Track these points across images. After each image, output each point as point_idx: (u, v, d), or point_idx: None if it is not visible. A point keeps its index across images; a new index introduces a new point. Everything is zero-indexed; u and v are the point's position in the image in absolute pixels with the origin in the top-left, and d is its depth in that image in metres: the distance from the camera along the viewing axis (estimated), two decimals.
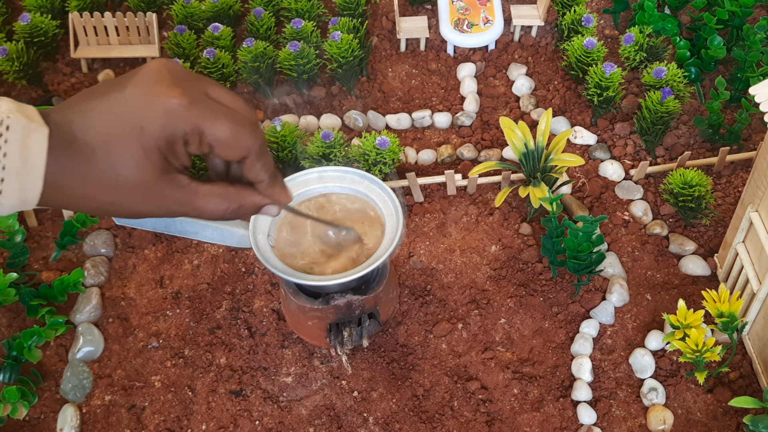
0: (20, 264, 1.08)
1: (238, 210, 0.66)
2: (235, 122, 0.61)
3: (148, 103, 0.58)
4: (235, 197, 0.66)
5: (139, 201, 0.61)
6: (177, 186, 0.62)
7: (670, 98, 1.14)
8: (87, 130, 0.58)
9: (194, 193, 0.63)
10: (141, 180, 0.60)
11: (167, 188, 0.61)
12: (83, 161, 0.58)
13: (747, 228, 0.98)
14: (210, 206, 0.64)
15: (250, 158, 0.64)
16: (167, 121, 0.59)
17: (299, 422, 0.97)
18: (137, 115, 0.58)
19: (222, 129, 0.61)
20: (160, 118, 0.58)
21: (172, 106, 0.59)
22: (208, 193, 0.64)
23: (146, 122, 0.58)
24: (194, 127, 0.60)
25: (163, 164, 0.60)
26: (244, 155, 0.63)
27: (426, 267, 1.10)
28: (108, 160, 0.58)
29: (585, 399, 0.98)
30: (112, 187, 0.59)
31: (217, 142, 0.61)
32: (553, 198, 1.03)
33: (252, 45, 1.23)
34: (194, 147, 0.61)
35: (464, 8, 1.33)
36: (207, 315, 1.06)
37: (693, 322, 0.91)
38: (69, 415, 0.98)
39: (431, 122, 1.26)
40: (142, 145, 0.58)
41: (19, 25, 1.28)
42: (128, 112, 0.58)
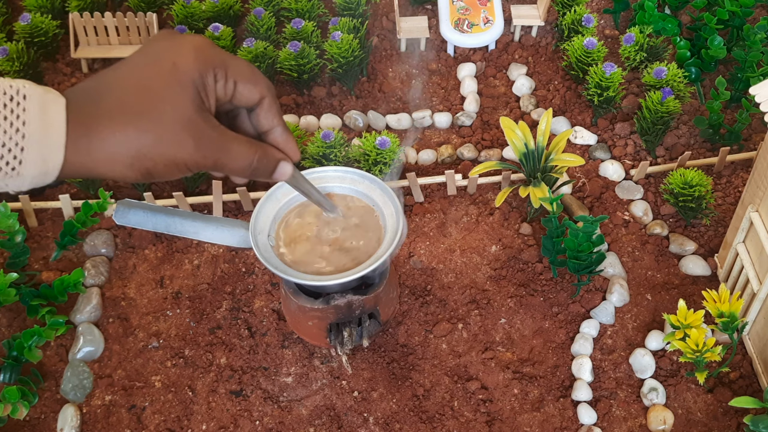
0: (20, 264, 1.08)
1: (262, 160, 0.68)
2: (250, 65, 0.66)
3: (176, 45, 0.62)
4: (261, 146, 0.68)
5: (178, 141, 0.61)
6: (212, 124, 0.63)
7: (670, 98, 1.14)
8: (118, 83, 0.60)
9: (225, 135, 0.64)
10: (181, 116, 0.60)
11: (204, 125, 0.62)
12: (112, 119, 0.58)
13: (747, 228, 0.98)
14: (241, 152, 0.66)
15: (268, 98, 0.67)
16: (198, 55, 0.62)
17: (299, 422, 0.97)
18: (167, 55, 0.61)
19: (243, 65, 0.65)
20: (190, 52, 0.61)
21: (199, 43, 0.62)
22: (236, 138, 0.65)
23: (178, 58, 0.61)
24: (221, 62, 0.63)
25: (198, 100, 0.62)
26: (263, 94, 0.67)
27: (426, 267, 1.10)
28: (145, 104, 0.59)
29: (585, 399, 0.98)
30: (151, 132, 0.59)
31: (241, 76, 0.64)
32: (554, 198, 1.03)
33: (252, 45, 1.24)
34: (222, 83, 0.64)
35: (464, 8, 1.33)
36: (207, 315, 1.06)
37: (693, 322, 0.91)
38: (69, 415, 0.98)
39: (431, 122, 1.26)
40: (178, 80, 0.60)
41: (19, 25, 1.28)
42: (158, 55, 0.61)
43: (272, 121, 0.69)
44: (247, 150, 0.66)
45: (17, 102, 0.56)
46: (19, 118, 0.55)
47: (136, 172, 0.60)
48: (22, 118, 0.55)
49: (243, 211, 1.15)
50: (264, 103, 0.67)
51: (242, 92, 0.66)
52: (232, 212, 1.16)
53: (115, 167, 0.60)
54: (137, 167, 0.60)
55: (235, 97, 0.66)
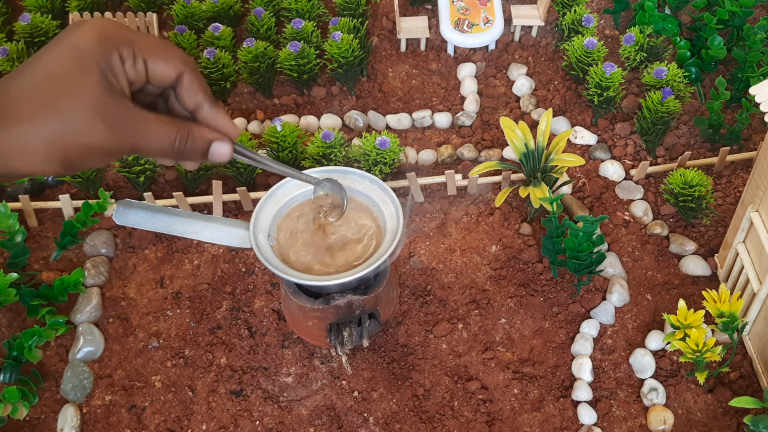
0: (20, 264, 1.08)
1: (188, 141, 0.64)
2: (162, 40, 0.64)
3: (78, 29, 0.59)
4: (184, 125, 0.64)
5: (88, 125, 0.58)
6: (123, 106, 0.60)
7: (670, 98, 1.14)
8: (23, 75, 0.58)
9: (140, 116, 0.61)
10: (88, 99, 0.58)
11: (114, 107, 0.59)
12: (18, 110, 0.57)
13: (747, 228, 0.98)
14: (159, 133, 0.62)
15: (187, 73, 0.63)
16: (100, 36, 0.59)
17: (299, 422, 0.97)
18: (69, 40, 0.59)
19: (153, 40, 0.62)
20: (91, 34, 0.59)
21: (102, 24, 0.60)
22: (155, 119, 0.62)
23: (79, 40, 0.59)
24: (127, 39, 0.60)
25: (104, 82, 0.59)
26: (180, 69, 0.63)
27: (426, 267, 1.10)
28: (49, 90, 0.57)
29: (585, 399, 0.98)
30: (57, 119, 0.57)
31: (150, 53, 0.61)
32: (554, 198, 1.03)
33: (252, 45, 1.24)
34: (130, 63, 0.61)
35: (464, 8, 1.33)
36: (207, 315, 1.06)
37: (693, 322, 0.91)
38: (69, 415, 0.98)
39: (431, 122, 1.26)
40: (80, 63, 0.58)
41: (19, 26, 1.28)
42: (61, 42, 0.59)
43: (195, 97, 0.64)
44: (165, 129, 0.62)
45: None
46: None
47: (53, 163, 0.58)
48: None
49: (243, 211, 1.15)
50: (183, 79, 0.63)
51: (155, 70, 0.62)
52: (232, 212, 1.16)
53: (31, 160, 0.58)
54: (52, 158, 0.58)
55: (150, 77, 0.62)
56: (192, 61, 0.64)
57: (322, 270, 0.88)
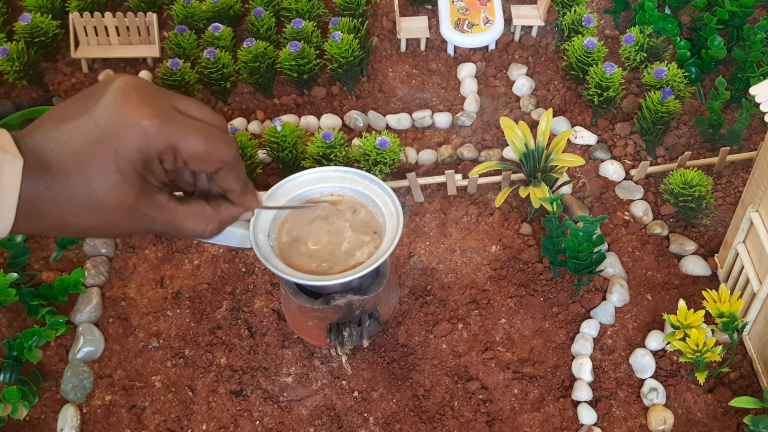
0: (20, 264, 1.08)
1: (217, 228, 0.69)
2: (208, 136, 0.62)
3: (119, 127, 0.58)
4: (213, 215, 0.68)
5: (121, 222, 0.61)
6: (157, 207, 0.63)
7: (670, 98, 1.14)
8: (61, 157, 0.57)
9: (174, 213, 0.64)
10: (121, 202, 0.60)
11: (147, 208, 0.62)
12: (61, 188, 0.58)
13: (747, 228, 0.98)
14: (190, 225, 0.66)
15: (224, 169, 0.65)
16: (141, 143, 0.58)
17: (299, 422, 0.97)
18: (110, 139, 0.58)
19: (196, 144, 0.61)
20: (133, 141, 0.58)
21: (145, 128, 0.58)
22: (186, 213, 0.66)
23: (120, 146, 0.58)
24: (168, 145, 0.60)
25: (142, 184, 0.61)
26: (219, 167, 0.64)
27: (426, 267, 1.10)
28: (86, 186, 0.58)
29: (585, 399, 0.98)
30: (93, 211, 0.59)
31: (192, 157, 0.61)
32: (554, 198, 1.03)
33: (252, 45, 1.24)
34: (170, 163, 0.61)
35: (464, 8, 1.33)
36: (207, 315, 1.06)
37: (693, 322, 0.91)
38: (69, 415, 0.98)
39: (431, 122, 1.26)
40: (118, 168, 0.58)
41: (19, 25, 1.28)
42: (101, 137, 0.58)
43: (229, 185, 0.68)
44: (198, 224, 0.67)
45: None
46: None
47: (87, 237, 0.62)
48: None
49: None
50: (220, 173, 0.65)
51: (195, 168, 0.64)
52: None
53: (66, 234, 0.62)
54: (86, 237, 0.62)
55: (187, 170, 0.66)
56: (233, 153, 0.64)
57: (322, 270, 0.88)
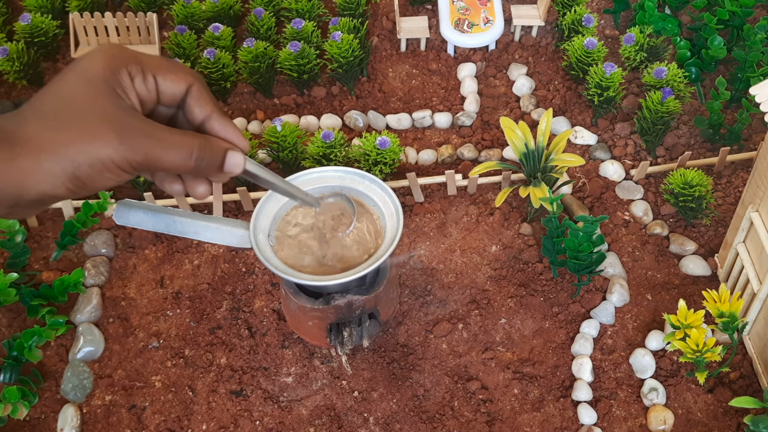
0: (21, 264, 1.08)
1: (204, 149, 0.64)
2: (169, 59, 0.67)
3: (87, 54, 0.62)
4: (200, 135, 0.64)
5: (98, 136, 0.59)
6: (137, 117, 0.61)
7: (670, 98, 1.14)
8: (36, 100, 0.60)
9: (155, 126, 0.62)
10: (98, 111, 0.59)
11: (127, 118, 0.60)
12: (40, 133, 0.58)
13: (747, 228, 0.98)
14: (176, 142, 0.62)
15: (195, 85, 0.64)
16: (107, 57, 0.61)
17: (299, 422, 0.97)
18: (78, 64, 0.61)
19: (159, 59, 0.64)
20: (98, 55, 0.61)
21: (109, 47, 0.62)
22: (170, 130, 0.62)
23: (87, 62, 0.61)
24: (133, 58, 0.62)
25: (114, 96, 0.61)
26: (189, 81, 0.64)
27: (426, 267, 1.10)
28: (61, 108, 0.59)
29: (585, 399, 0.98)
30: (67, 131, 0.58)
31: (158, 69, 0.63)
32: (554, 198, 1.03)
33: (252, 45, 1.23)
34: (139, 80, 0.62)
35: (464, 8, 1.33)
36: (207, 315, 1.06)
37: (693, 322, 0.91)
38: (69, 415, 0.98)
39: (431, 122, 1.26)
40: (89, 81, 0.60)
41: (19, 26, 1.28)
42: (71, 66, 0.61)
43: (204, 108, 0.65)
44: (183, 139, 0.62)
45: None
46: None
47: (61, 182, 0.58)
48: None
49: (243, 211, 1.15)
50: (192, 91, 0.64)
51: (164, 84, 0.63)
52: (232, 212, 1.16)
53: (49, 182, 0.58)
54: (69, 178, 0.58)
55: (160, 93, 0.64)
56: (199, 75, 0.66)
57: (323, 270, 0.88)
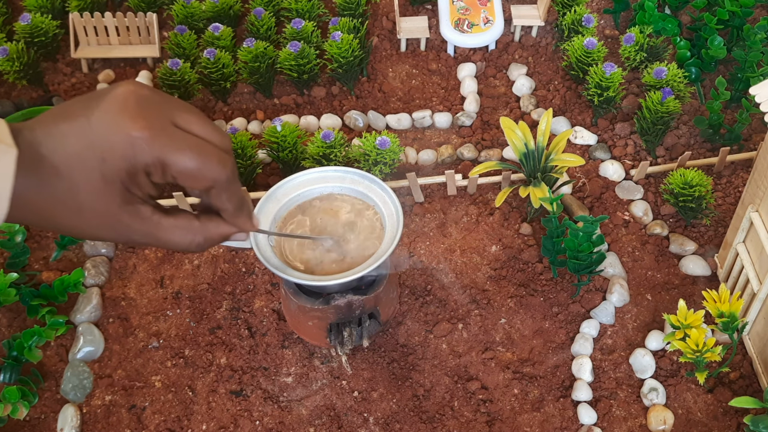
0: (21, 264, 1.08)
1: (204, 243, 0.66)
2: (201, 153, 0.60)
3: (110, 134, 0.58)
4: (200, 230, 0.65)
5: (101, 229, 0.61)
6: (139, 218, 0.62)
7: (670, 98, 1.14)
8: (54, 154, 0.58)
9: (157, 226, 0.63)
10: (103, 210, 0.59)
11: (129, 219, 0.61)
12: (50, 183, 0.58)
13: (747, 228, 0.98)
14: (174, 238, 0.64)
15: (216, 189, 0.63)
16: (128, 154, 0.58)
17: (299, 422, 0.97)
18: (99, 145, 0.58)
19: (185, 161, 0.60)
20: (120, 150, 0.58)
21: (133, 139, 0.58)
22: (171, 226, 0.64)
23: (107, 153, 0.58)
24: (156, 159, 0.59)
25: (125, 195, 0.60)
26: (209, 186, 0.62)
27: (426, 267, 1.10)
28: (72, 187, 0.58)
29: (585, 399, 0.98)
30: (75, 213, 0.59)
31: (180, 174, 0.60)
32: (554, 198, 1.03)
33: (252, 45, 1.23)
34: (158, 177, 0.60)
35: (464, 8, 1.33)
36: (207, 315, 1.06)
37: (693, 322, 0.91)
38: (69, 415, 0.98)
39: (431, 122, 1.26)
40: (103, 175, 0.58)
41: (19, 26, 1.28)
42: (92, 142, 0.58)
43: (222, 205, 0.65)
44: (182, 237, 0.64)
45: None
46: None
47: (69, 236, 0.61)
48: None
49: None
50: (212, 192, 0.63)
51: (184, 185, 0.62)
52: None
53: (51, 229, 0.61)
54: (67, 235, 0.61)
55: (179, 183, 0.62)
56: (227, 174, 0.62)
57: (322, 270, 0.88)
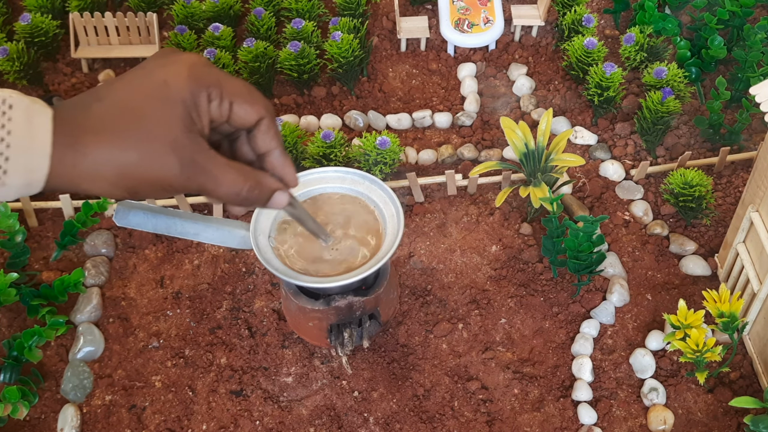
0: (21, 264, 1.08)
1: (254, 189, 0.65)
2: (247, 84, 0.64)
3: (169, 62, 0.60)
4: (253, 175, 0.65)
5: (163, 161, 0.59)
6: (200, 147, 0.61)
7: (670, 98, 1.14)
8: (108, 98, 0.59)
9: (215, 160, 0.62)
10: (167, 135, 0.59)
11: (191, 147, 0.60)
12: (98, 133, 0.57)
13: (747, 228, 0.98)
14: (230, 179, 0.63)
15: (266, 119, 0.65)
16: (191, 74, 0.60)
17: (300, 422, 0.97)
18: (160, 72, 0.60)
19: (240, 85, 0.63)
20: (183, 71, 0.60)
21: (195, 62, 0.61)
22: (226, 164, 0.63)
23: (170, 76, 0.60)
24: (216, 81, 0.61)
25: (187, 120, 0.60)
26: (262, 114, 0.64)
27: (426, 267, 1.10)
28: (132, 120, 0.58)
29: (585, 399, 0.98)
30: (134, 149, 0.58)
31: (237, 96, 0.63)
32: (554, 198, 1.03)
33: (252, 45, 1.23)
34: (216, 103, 0.62)
35: (465, 8, 1.33)
36: (207, 315, 1.06)
37: (693, 322, 0.91)
38: (69, 415, 0.98)
39: (431, 122, 1.26)
40: (167, 98, 0.59)
41: (19, 25, 1.28)
42: (151, 72, 0.60)
43: (270, 143, 0.66)
44: (236, 178, 0.63)
45: (2, 111, 0.55)
46: (4, 128, 0.54)
47: (120, 189, 0.59)
48: (7, 127, 0.54)
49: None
50: (262, 124, 0.65)
51: (238, 113, 0.63)
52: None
53: (99, 183, 0.58)
54: (121, 185, 0.59)
55: (232, 118, 0.64)
56: (271, 108, 0.66)
57: (323, 271, 0.88)
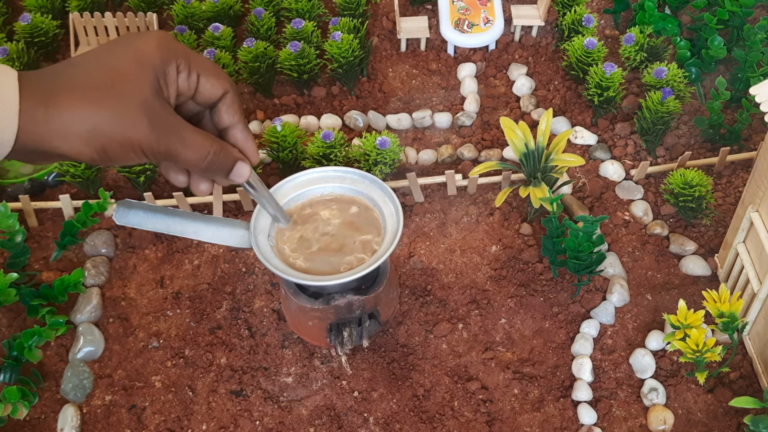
0: (21, 264, 1.08)
1: (219, 153, 0.68)
2: (212, 61, 0.68)
3: (141, 35, 0.64)
4: (218, 141, 0.69)
5: (134, 119, 0.62)
6: (169, 111, 0.64)
7: (670, 98, 1.14)
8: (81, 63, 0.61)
9: (182, 123, 0.65)
10: (139, 95, 0.62)
11: (160, 109, 0.63)
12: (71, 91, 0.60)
13: (747, 228, 0.98)
14: (196, 142, 0.66)
15: (231, 93, 0.69)
16: (161, 44, 0.64)
17: (299, 422, 0.97)
18: (132, 41, 0.63)
19: (206, 60, 0.68)
20: (154, 41, 0.64)
21: (164, 36, 0.65)
22: (194, 130, 0.66)
23: (142, 44, 0.63)
24: (184, 54, 0.65)
25: (157, 86, 0.63)
26: (226, 88, 0.68)
27: (426, 267, 1.10)
28: (106, 80, 0.61)
29: (585, 399, 0.98)
30: (107, 107, 0.61)
31: (204, 70, 0.66)
32: (554, 198, 1.03)
33: (252, 45, 1.24)
34: (184, 75, 0.65)
35: (465, 8, 1.33)
36: (207, 315, 1.06)
37: (693, 322, 0.91)
38: (69, 415, 0.98)
39: (431, 122, 1.26)
40: (139, 62, 0.62)
41: (19, 26, 1.28)
42: (124, 42, 0.63)
43: (233, 117, 0.70)
44: (203, 141, 0.67)
45: None
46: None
47: (91, 148, 0.61)
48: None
49: (243, 211, 1.15)
50: (226, 98, 0.69)
51: (205, 85, 0.67)
52: (232, 212, 1.16)
53: (71, 140, 0.60)
54: (93, 144, 0.60)
55: (199, 91, 0.67)
56: (234, 84, 0.70)
57: (322, 270, 0.88)
